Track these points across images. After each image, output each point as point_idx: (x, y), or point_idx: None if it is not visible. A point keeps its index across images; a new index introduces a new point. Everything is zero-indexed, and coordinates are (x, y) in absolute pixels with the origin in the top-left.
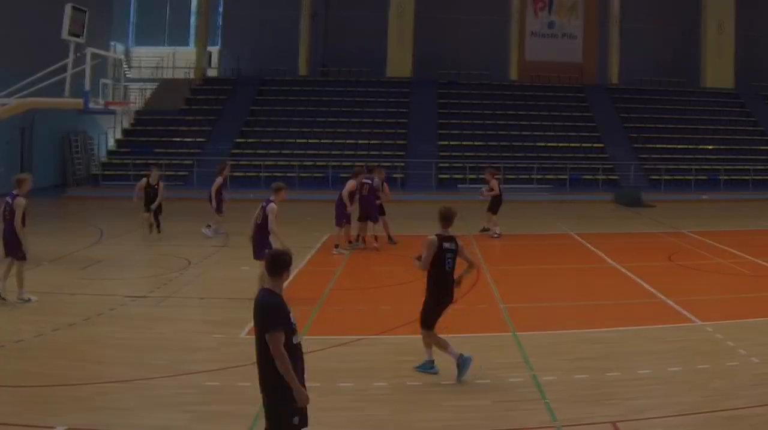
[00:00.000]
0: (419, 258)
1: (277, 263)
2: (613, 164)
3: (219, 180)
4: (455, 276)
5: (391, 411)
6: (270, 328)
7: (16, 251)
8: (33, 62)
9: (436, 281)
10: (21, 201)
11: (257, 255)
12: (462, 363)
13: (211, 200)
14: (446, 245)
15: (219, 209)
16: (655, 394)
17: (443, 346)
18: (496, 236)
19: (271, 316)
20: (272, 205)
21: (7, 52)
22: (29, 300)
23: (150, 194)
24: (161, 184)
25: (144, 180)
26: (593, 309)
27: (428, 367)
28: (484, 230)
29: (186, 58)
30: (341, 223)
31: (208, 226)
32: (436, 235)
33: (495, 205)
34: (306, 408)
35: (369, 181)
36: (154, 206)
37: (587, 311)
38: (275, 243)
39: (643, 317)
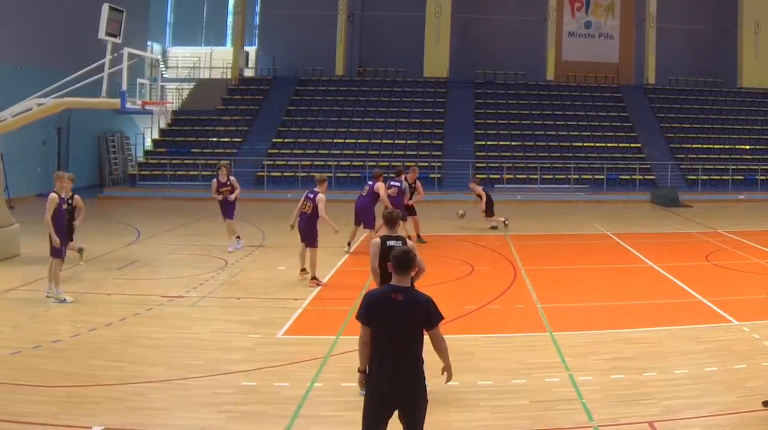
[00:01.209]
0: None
1: (405, 261)
2: (650, 164)
3: (214, 182)
4: None
5: (428, 411)
6: (439, 320)
7: (52, 248)
8: (70, 62)
9: (382, 278)
10: (51, 196)
11: (310, 243)
12: None
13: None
14: (390, 243)
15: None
16: (691, 394)
17: None
18: (504, 223)
19: (438, 309)
20: (320, 195)
21: (43, 52)
22: (65, 300)
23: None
24: (76, 197)
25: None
26: (630, 309)
27: None
28: (493, 227)
29: (223, 58)
30: (373, 224)
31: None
32: (380, 236)
33: (489, 208)
34: None
35: (398, 183)
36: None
37: (624, 310)
38: (329, 226)
39: (679, 317)
